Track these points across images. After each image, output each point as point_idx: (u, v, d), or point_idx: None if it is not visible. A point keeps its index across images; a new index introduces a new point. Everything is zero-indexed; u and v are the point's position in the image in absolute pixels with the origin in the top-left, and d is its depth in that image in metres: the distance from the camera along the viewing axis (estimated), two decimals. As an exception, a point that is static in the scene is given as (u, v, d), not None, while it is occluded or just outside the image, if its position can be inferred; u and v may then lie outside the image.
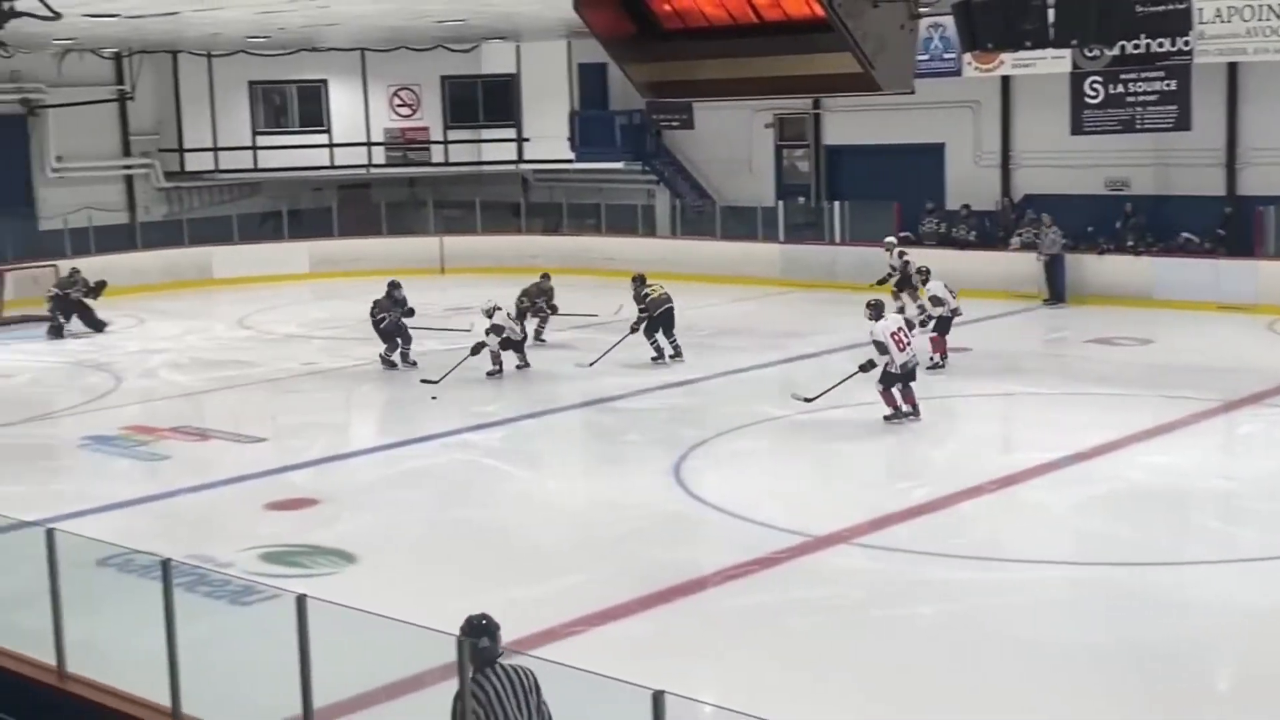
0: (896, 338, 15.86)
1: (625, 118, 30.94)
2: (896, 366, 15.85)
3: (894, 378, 15.95)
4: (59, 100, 29.39)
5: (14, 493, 13.87)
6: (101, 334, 24.08)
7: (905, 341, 15.93)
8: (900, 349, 15.82)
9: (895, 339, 15.83)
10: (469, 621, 6.59)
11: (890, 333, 15.87)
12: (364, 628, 7.50)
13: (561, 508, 13.80)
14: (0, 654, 8.41)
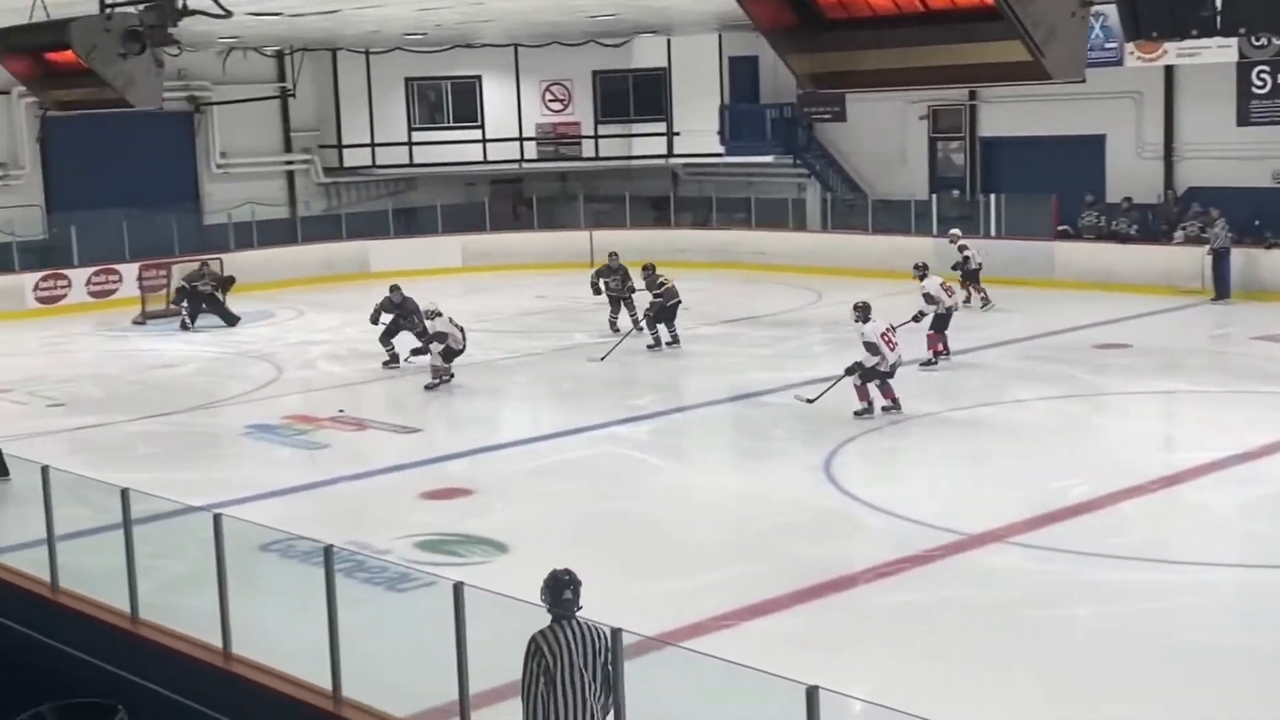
0: (886, 338, 16.04)
1: (776, 111, 30.79)
2: (887, 365, 16.02)
3: (875, 374, 16.09)
4: (223, 98, 30.24)
5: (182, 479, 14.32)
6: (233, 327, 24.56)
7: (894, 342, 16.14)
8: (890, 349, 16.02)
9: (885, 339, 16.01)
10: (553, 575, 6.92)
11: (880, 333, 16.02)
12: (516, 616, 7.57)
13: (710, 502, 13.79)
14: (169, 634, 8.67)
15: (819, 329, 22.61)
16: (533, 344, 21.43)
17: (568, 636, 6.72)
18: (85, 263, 27.78)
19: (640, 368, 19.49)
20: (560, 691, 6.69)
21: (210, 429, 17.67)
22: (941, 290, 19.35)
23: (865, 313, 16.44)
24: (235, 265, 27.29)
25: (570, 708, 6.67)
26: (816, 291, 25.88)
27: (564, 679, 6.69)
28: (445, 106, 32.61)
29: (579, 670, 6.67)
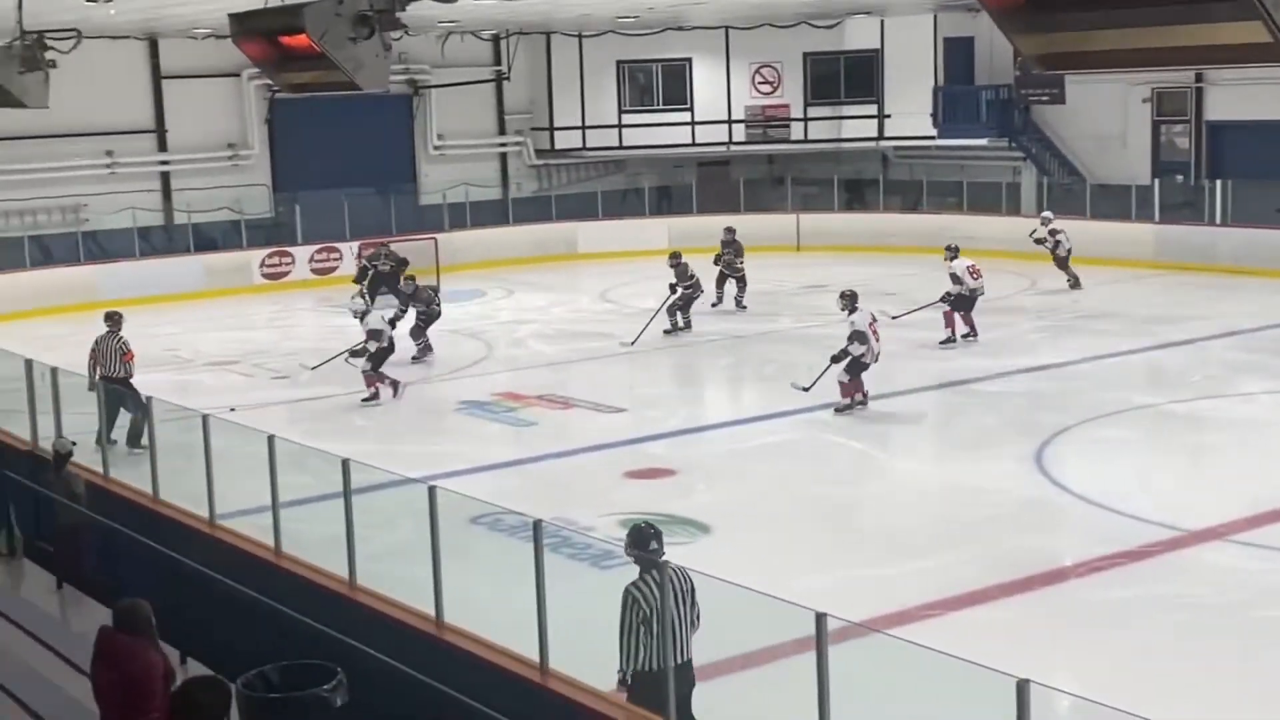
0: (873, 328, 15.98)
1: (991, 92, 30.13)
2: (872, 357, 15.90)
3: (862, 368, 15.91)
4: (441, 81, 31.00)
5: (399, 451, 14.79)
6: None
7: (878, 332, 16.13)
8: (876, 339, 15.97)
9: (873, 330, 15.94)
10: (637, 529, 7.70)
11: (869, 324, 15.94)
12: (720, 597, 7.61)
13: (917, 489, 13.62)
14: (385, 601, 8.95)
15: (1033, 316, 22.10)
16: (738, 326, 21.43)
17: (659, 585, 7.19)
18: (308, 240, 28.83)
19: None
20: (656, 635, 7.23)
21: (424, 404, 18.15)
22: (967, 273, 19.73)
23: (853, 301, 16.29)
24: (449, 245, 28.01)
25: (669, 649, 7.16)
26: (1030, 278, 25.28)
27: (659, 623, 7.20)
28: (655, 89, 32.77)
29: (672, 613, 7.17)
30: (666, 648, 7.08)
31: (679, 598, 7.31)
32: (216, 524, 10.67)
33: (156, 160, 28.61)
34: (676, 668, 7.22)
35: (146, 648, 6.56)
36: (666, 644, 7.08)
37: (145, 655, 6.52)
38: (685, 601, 7.35)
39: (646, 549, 7.47)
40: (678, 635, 7.24)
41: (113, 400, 13.83)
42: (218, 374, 19.95)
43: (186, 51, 28.08)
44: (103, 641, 6.65)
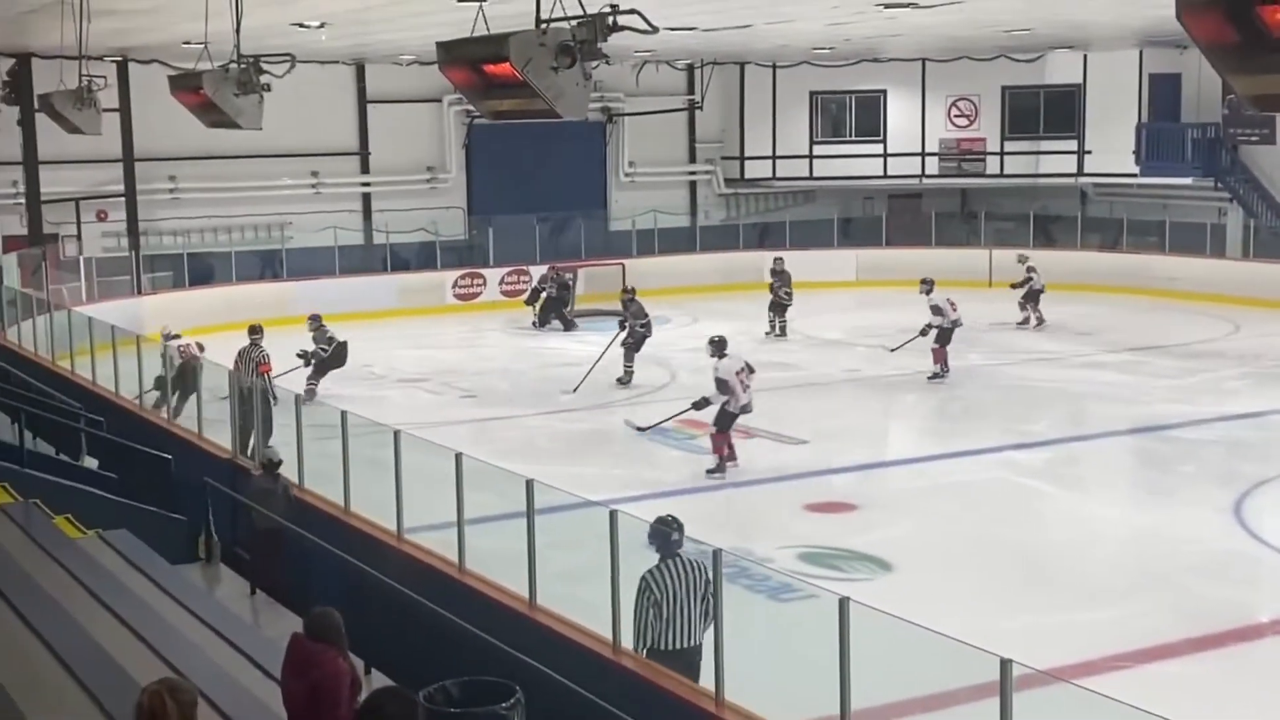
0: (740, 378, 15.15)
1: (1198, 131, 29.18)
2: (737, 407, 15.12)
3: (730, 418, 15.15)
4: (635, 109, 31.34)
5: (581, 473, 14.93)
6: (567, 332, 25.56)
7: (747, 383, 15.24)
8: (744, 389, 15.14)
9: (740, 379, 15.12)
10: (660, 521, 8.36)
11: (735, 372, 15.14)
12: (900, 637, 7.50)
13: (1108, 536, 13.23)
14: (563, 622, 9.03)
15: (1235, 362, 21.32)
16: (924, 363, 21.09)
17: (674, 574, 8.03)
18: (499, 263, 29.39)
19: (1034, 393, 18.88)
20: (666, 621, 8.01)
21: (606, 427, 18.30)
22: (947, 304, 19.57)
23: (720, 348, 15.56)
24: (636, 271, 28.20)
25: (675, 634, 8.00)
26: (1233, 323, 24.41)
27: (670, 610, 7.99)
28: (848, 120, 32.60)
29: (683, 602, 7.95)
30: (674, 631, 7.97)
31: (691, 588, 8.01)
32: (404, 538, 10.91)
33: (359, 181, 29.53)
34: (682, 650, 8.01)
35: (336, 656, 6.70)
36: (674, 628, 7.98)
37: (334, 663, 6.67)
38: (697, 592, 8.03)
39: (667, 540, 8.18)
40: (685, 622, 7.98)
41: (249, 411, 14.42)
42: (408, 391, 20.44)
43: (391, 77, 28.95)
44: (294, 648, 6.82)
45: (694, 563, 8.09)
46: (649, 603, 8.11)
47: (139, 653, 8.11)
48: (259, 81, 11.74)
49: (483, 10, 9.16)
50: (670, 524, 8.25)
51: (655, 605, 8.06)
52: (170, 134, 24.77)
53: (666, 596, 7.98)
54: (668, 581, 8.04)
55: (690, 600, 8.02)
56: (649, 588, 8.12)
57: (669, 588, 8.02)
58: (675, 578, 8.04)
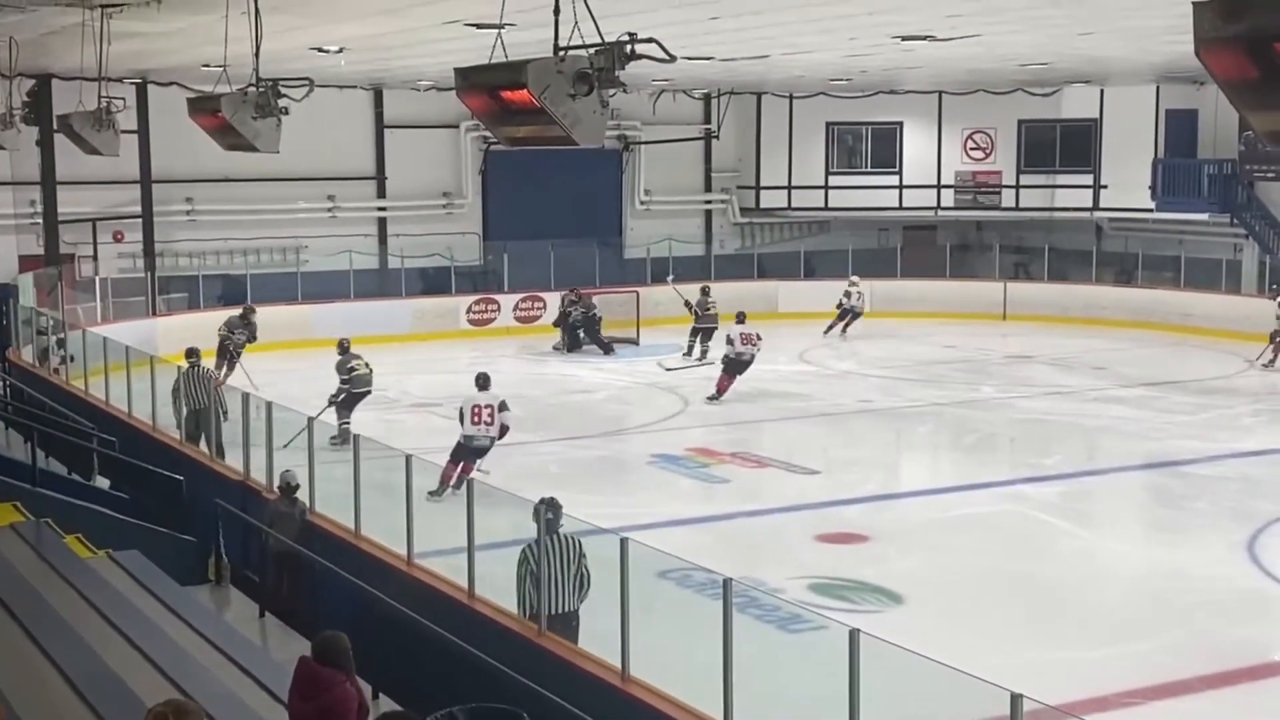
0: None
1: (1214, 167, 29.16)
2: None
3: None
4: (652, 137, 31.41)
5: (591, 501, 14.88)
6: (609, 355, 25.91)
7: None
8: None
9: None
10: (541, 500, 9.23)
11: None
12: (910, 670, 7.46)
13: (1121, 571, 13.17)
14: (572, 650, 9.01)
15: (1249, 398, 21.26)
16: (938, 394, 21.11)
17: (549, 549, 9.08)
18: (514, 289, 29.42)
19: (1048, 427, 18.83)
20: (542, 589, 9.02)
21: (618, 455, 18.30)
22: (742, 341, 21.03)
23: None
24: (650, 299, 28.25)
25: (552, 600, 9.04)
26: (1247, 359, 24.34)
27: (545, 579, 9.01)
28: (864, 151, 32.65)
29: (557, 573, 9.03)
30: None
31: (564, 561, 9.13)
32: (414, 563, 10.90)
33: (375, 206, 29.62)
34: (558, 615, 9.13)
35: (343, 680, 6.70)
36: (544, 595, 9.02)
37: (341, 687, 6.67)
38: (570, 565, 9.14)
39: (547, 516, 9.13)
40: (559, 590, 9.09)
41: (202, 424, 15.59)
42: (421, 415, 20.45)
43: (409, 102, 29.07)
44: (301, 671, 6.82)
45: (568, 539, 9.22)
46: (526, 573, 9.25)
47: (147, 674, 8.11)
48: (277, 105, 11.77)
49: (501, 37, 9.19)
50: (549, 504, 9.22)
51: (532, 575, 9.16)
52: (188, 156, 24.91)
53: (543, 569, 9.06)
54: (543, 555, 9.10)
55: (563, 571, 9.15)
56: (526, 560, 9.26)
57: (545, 560, 9.08)
58: (550, 551, 9.12)
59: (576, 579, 9.22)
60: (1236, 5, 4.45)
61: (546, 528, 9.14)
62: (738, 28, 16.61)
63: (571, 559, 9.23)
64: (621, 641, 8.48)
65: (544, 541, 9.13)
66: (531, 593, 9.17)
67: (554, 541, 9.15)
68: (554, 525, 9.18)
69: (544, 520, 9.14)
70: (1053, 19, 16.44)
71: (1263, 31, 4.38)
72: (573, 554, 9.24)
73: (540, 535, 9.17)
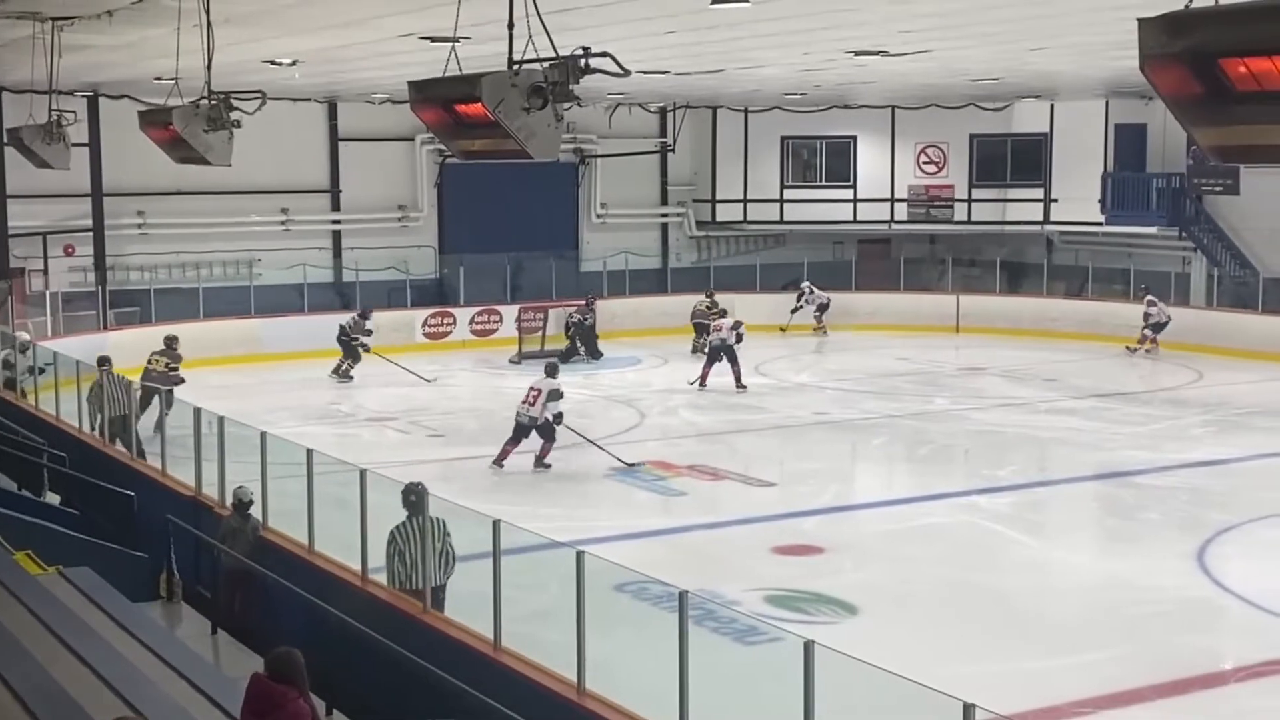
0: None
1: (1163, 181, 29.53)
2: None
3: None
4: (608, 151, 31.45)
5: (548, 514, 14.89)
6: (597, 360, 26.34)
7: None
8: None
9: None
10: (409, 486, 10.15)
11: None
12: (864, 680, 7.49)
13: (1072, 582, 13.27)
14: (528, 664, 8.98)
15: (1198, 409, 21.48)
16: (892, 406, 21.21)
17: (414, 529, 9.92)
18: (470, 302, 29.37)
19: (1001, 438, 18.98)
20: (409, 565, 9.90)
21: (575, 469, 18.26)
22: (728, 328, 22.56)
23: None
24: (607, 312, 28.29)
25: (417, 575, 9.85)
26: (1197, 370, 24.61)
27: (411, 557, 9.88)
28: (819, 165, 32.84)
29: (419, 551, 9.87)
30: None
31: (429, 540, 9.93)
32: (368, 578, 10.84)
33: (329, 219, 29.49)
34: (423, 589, 9.84)
35: (297, 697, 6.65)
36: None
37: (295, 704, 6.61)
38: (434, 544, 9.93)
39: (410, 502, 10.04)
40: (420, 568, 9.91)
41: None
42: (376, 430, 20.37)
43: (363, 115, 28.99)
44: (254, 688, 6.77)
45: (434, 520, 10.05)
46: (394, 552, 10.05)
47: (99, 691, 8.03)
48: (229, 118, 11.74)
49: (455, 50, 9.21)
50: (416, 489, 10.13)
51: (399, 553, 10.01)
52: (140, 169, 24.73)
53: (409, 546, 9.95)
54: (410, 535, 9.98)
55: (428, 549, 9.96)
56: (394, 539, 10.05)
57: (411, 539, 9.96)
58: (416, 531, 9.97)
59: (441, 556, 10.05)
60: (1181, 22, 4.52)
61: (412, 510, 10.03)
62: (693, 42, 16.69)
63: (437, 538, 10.06)
64: (577, 655, 8.46)
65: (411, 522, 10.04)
66: (399, 568, 10.04)
67: (419, 523, 10.01)
68: (419, 508, 10.05)
69: (410, 503, 10.07)
70: (1003, 35, 16.61)
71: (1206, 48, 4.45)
72: (438, 534, 10.06)
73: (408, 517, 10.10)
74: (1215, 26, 4.47)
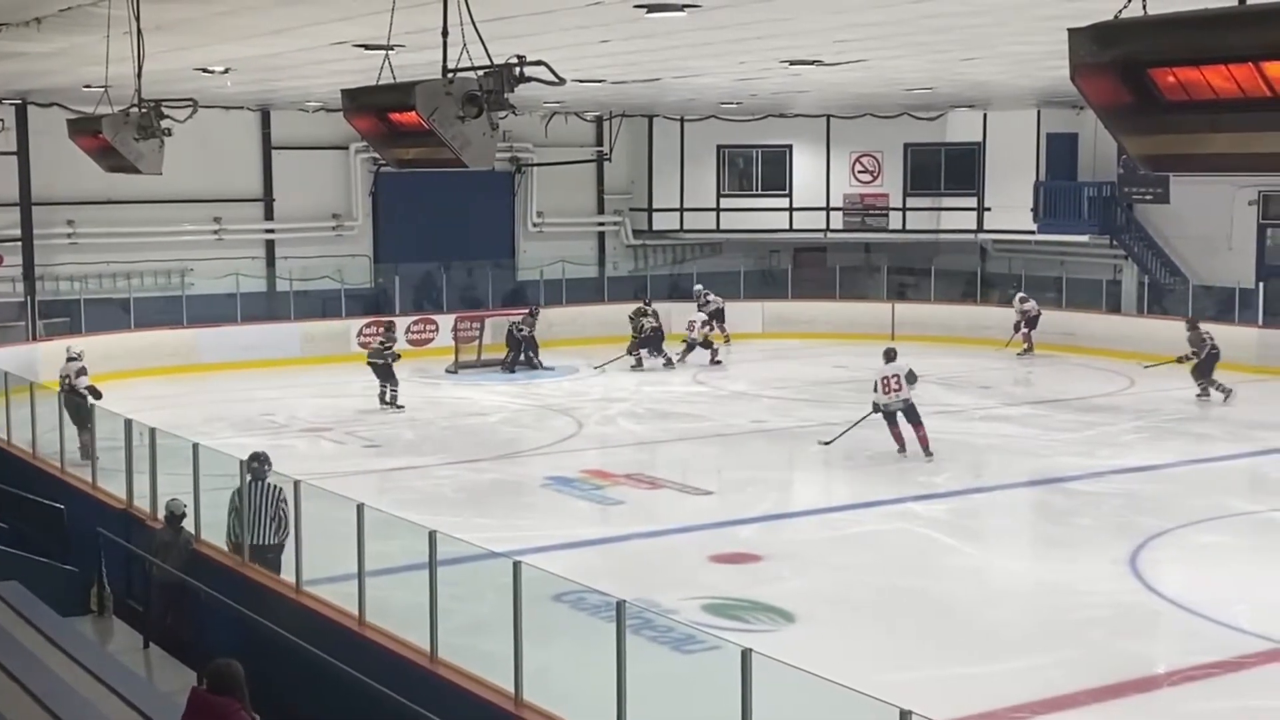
0: (886, 381, 18.13)
1: (1094, 189, 29.89)
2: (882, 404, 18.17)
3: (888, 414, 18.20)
4: (544, 160, 31.40)
5: (485, 524, 14.82)
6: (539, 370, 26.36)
7: (892, 386, 18.13)
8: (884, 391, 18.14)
9: (883, 382, 18.15)
10: (253, 455, 11.62)
11: (881, 377, 18.17)
12: (802, 688, 7.50)
13: (1008, 588, 13.37)
14: (465, 676, 8.93)
15: (1131, 416, 21.73)
16: (829, 414, 21.26)
17: (254, 494, 11.24)
18: (405, 311, 29.20)
19: (937, 445, 19.08)
20: (245, 525, 11.21)
21: (513, 478, 18.21)
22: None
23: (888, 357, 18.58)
24: (544, 321, 28.21)
25: (252, 534, 11.18)
26: (1129, 377, 24.92)
27: (248, 517, 11.18)
28: (754, 174, 32.98)
29: (258, 511, 11.21)
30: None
31: (264, 503, 11.23)
32: (303, 590, 10.73)
33: (263, 228, 29.22)
34: (258, 546, 11.23)
35: (238, 709, 6.56)
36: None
37: (237, 716, 6.52)
38: (268, 508, 11.22)
39: (253, 467, 11.39)
40: (259, 526, 11.22)
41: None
42: (311, 440, 20.19)
43: (297, 123, 28.75)
44: (194, 702, 6.68)
45: (271, 486, 11.30)
46: (231, 509, 11.32)
47: (28, 707, 7.90)
48: (160, 126, 11.60)
49: (389, 58, 9.15)
50: (258, 458, 11.50)
51: (236, 512, 11.26)
52: (69, 178, 24.39)
53: (246, 508, 11.18)
54: (248, 498, 11.22)
55: (263, 511, 11.20)
56: (233, 500, 11.33)
57: (248, 502, 11.20)
58: (255, 495, 11.24)
59: (274, 520, 11.19)
60: (1110, 32, 4.56)
61: (253, 475, 11.35)
62: (628, 50, 16.69)
63: (271, 503, 11.24)
64: (515, 666, 8.42)
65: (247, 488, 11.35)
66: (235, 527, 11.29)
67: (259, 489, 11.31)
68: (260, 474, 11.39)
69: (251, 469, 11.40)
70: (936, 45, 16.75)
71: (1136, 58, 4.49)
72: (272, 499, 11.26)
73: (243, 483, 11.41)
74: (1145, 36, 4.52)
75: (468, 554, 10.33)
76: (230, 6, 12.65)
